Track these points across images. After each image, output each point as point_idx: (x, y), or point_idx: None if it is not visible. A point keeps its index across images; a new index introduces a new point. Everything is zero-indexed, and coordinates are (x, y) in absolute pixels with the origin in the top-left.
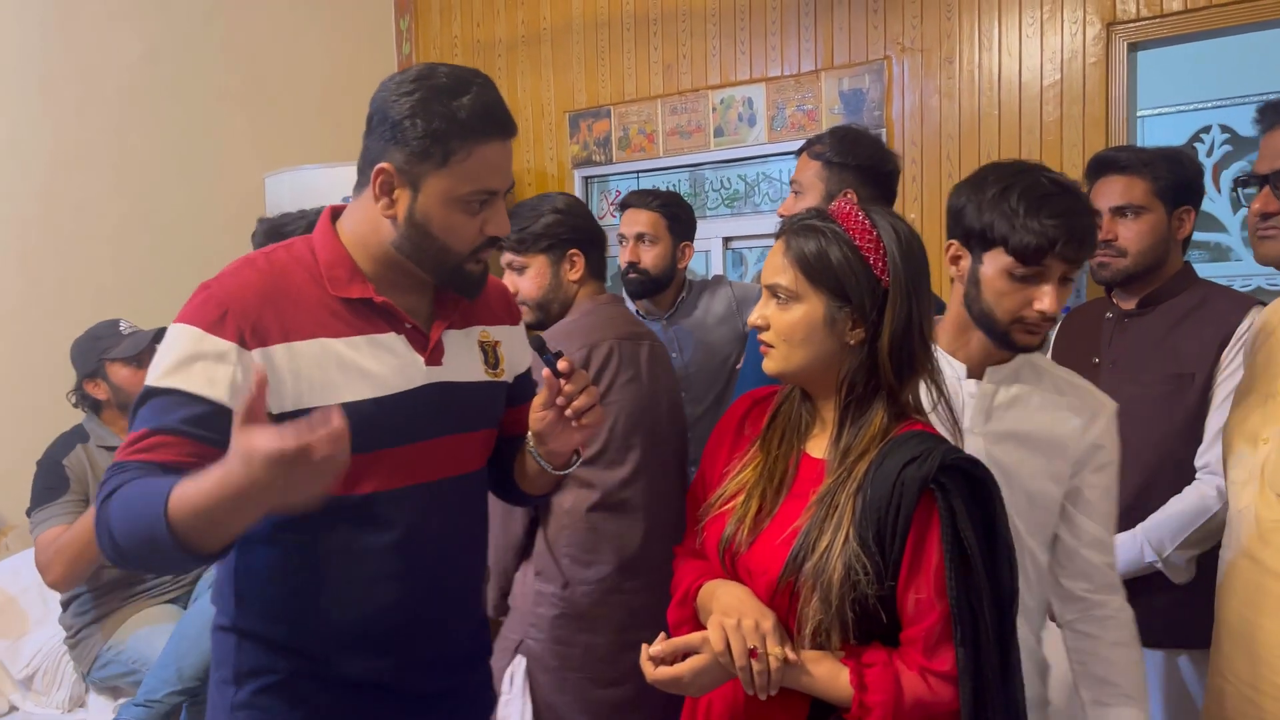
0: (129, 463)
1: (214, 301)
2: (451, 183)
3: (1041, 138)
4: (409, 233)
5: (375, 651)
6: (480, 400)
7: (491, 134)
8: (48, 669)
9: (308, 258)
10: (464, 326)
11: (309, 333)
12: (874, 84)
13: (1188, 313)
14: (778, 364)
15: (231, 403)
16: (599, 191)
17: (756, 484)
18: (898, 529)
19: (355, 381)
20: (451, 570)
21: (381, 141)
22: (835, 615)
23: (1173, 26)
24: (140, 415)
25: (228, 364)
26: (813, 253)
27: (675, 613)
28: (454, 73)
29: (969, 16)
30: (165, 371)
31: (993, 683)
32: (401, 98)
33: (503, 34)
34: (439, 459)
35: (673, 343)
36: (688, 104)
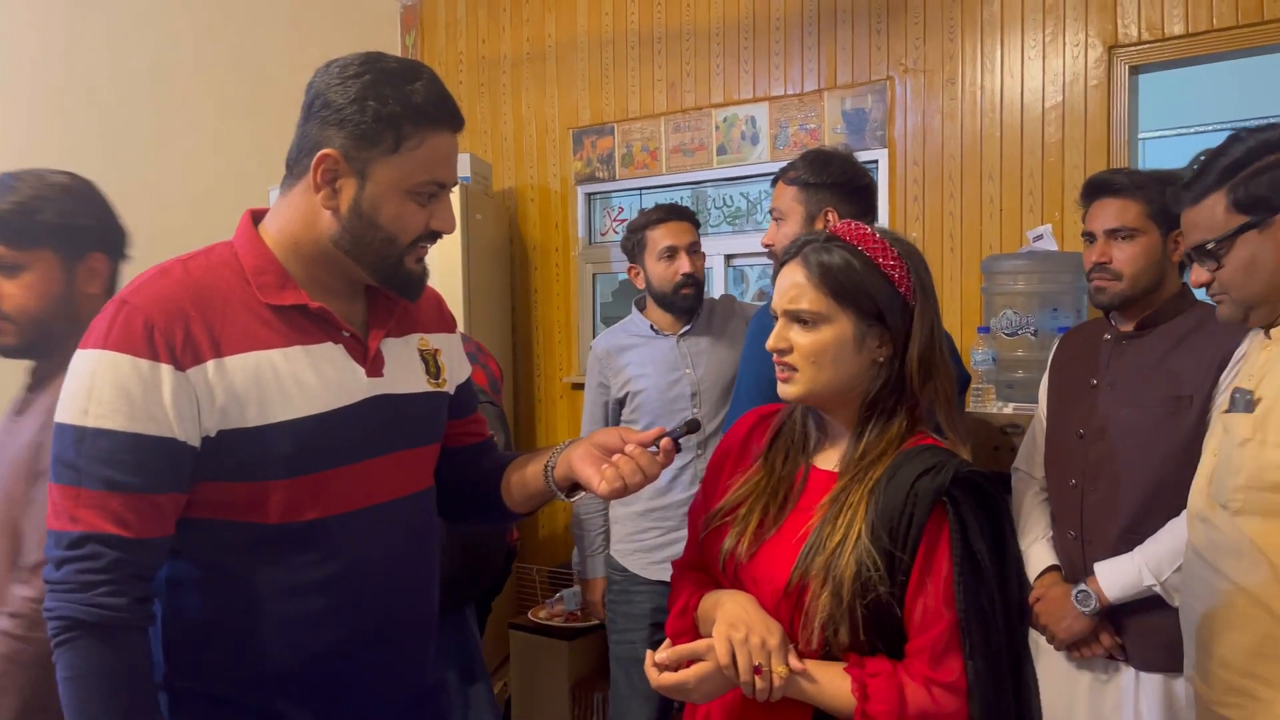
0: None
1: (135, 317)
2: (403, 170)
3: (1043, 159)
4: (352, 224)
5: (319, 697)
6: (425, 413)
7: (445, 123)
8: None
9: (232, 263)
10: (402, 334)
11: (240, 346)
12: (876, 104)
13: (1185, 335)
14: (803, 388)
15: (179, 434)
16: (602, 208)
17: (758, 498)
18: (909, 539)
19: (294, 398)
20: (405, 599)
21: (323, 127)
22: (845, 611)
23: (1174, 50)
24: (78, 465)
25: (165, 388)
26: (839, 269)
27: (674, 624)
28: (403, 61)
29: (971, 38)
30: (96, 409)
31: (1005, 696)
32: (348, 80)
33: (507, 50)
34: (385, 478)
35: (685, 358)
36: (691, 122)
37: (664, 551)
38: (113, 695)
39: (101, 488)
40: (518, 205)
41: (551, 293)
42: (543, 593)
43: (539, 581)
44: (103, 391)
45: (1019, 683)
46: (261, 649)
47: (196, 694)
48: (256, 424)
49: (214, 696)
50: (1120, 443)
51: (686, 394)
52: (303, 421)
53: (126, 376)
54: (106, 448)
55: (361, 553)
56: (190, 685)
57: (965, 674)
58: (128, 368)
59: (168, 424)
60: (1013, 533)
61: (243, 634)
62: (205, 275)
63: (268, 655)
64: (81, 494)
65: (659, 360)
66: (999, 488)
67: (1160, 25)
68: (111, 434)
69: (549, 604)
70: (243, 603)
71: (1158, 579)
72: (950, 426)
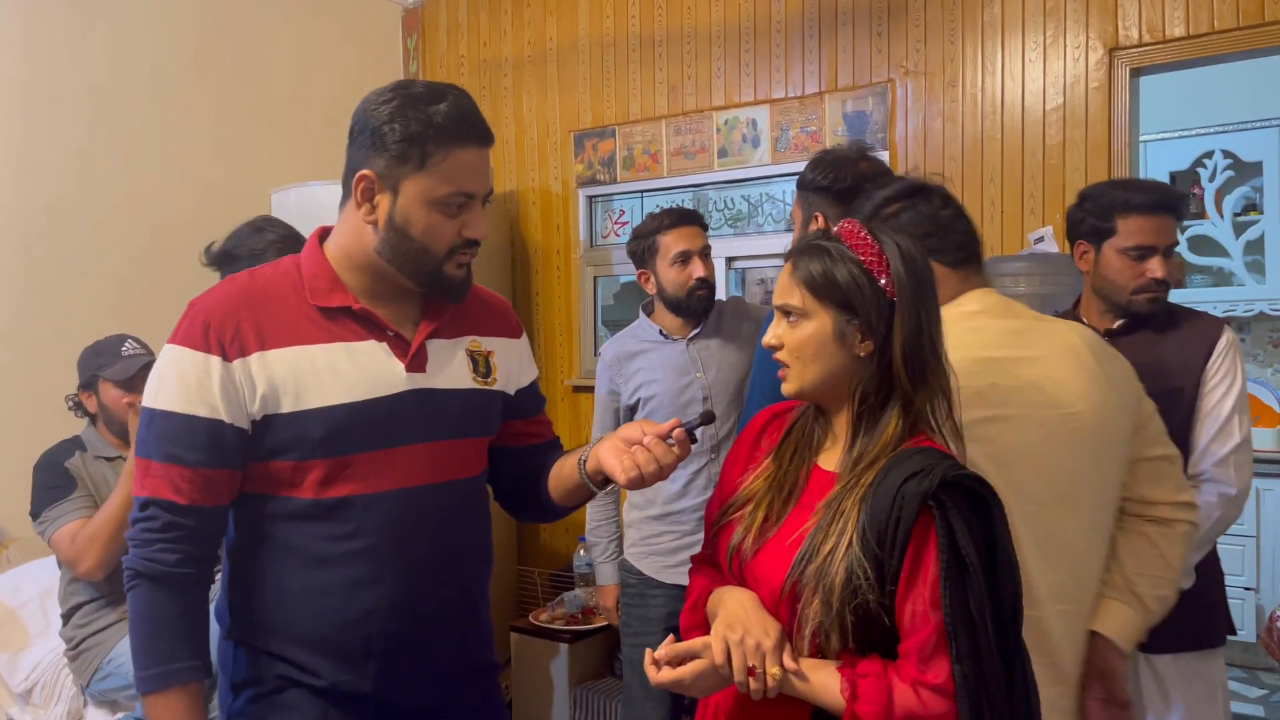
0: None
1: (197, 318)
2: (429, 184)
3: (1044, 162)
4: (389, 236)
5: (352, 662)
6: (467, 407)
7: (467, 138)
8: (46, 683)
9: (293, 273)
10: (454, 336)
11: (284, 341)
12: (877, 106)
13: (1167, 331)
14: (794, 384)
15: (226, 417)
16: (603, 211)
17: (765, 494)
18: (897, 542)
19: (329, 386)
20: (435, 579)
21: (362, 150)
22: (835, 619)
23: (1175, 52)
24: (149, 441)
25: (214, 378)
26: (818, 271)
27: (687, 618)
28: (431, 85)
29: (972, 40)
30: (162, 393)
31: (996, 699)
32: (380, 106)
33: (509, 53)
34: (422, 464)
35: (695, 362)
36: (692, 125)
37: (679, 555)
38: (158, 636)
39: (163, 460)
40: (519, 208)
41: (553, 295)
42: (544, 595)
43: (540, 584)
44: (168, 379)
45: (1011, 684)
46: (300, 613)
47: (253, 649)
48: (293, 410)
49: (267, 652)
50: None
51: (698, 397)
52: (335, 409)
53: (185, 367)
54: (168, 427)
55: (390, 531)
56: (248, 640)
57: (953, 676)
58: (187, 359)
59: (216, 408)
60: (1006, 534)
61: (284, 598)
62: (266, 282)
63: (305, 619)
64: (150, 465)
65: (669, 365)
66: (990, 489)
67: (1161, 27)
68: (171, 415)
69: (550, 607)
70: (283, 570)
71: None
72: (948, 427)
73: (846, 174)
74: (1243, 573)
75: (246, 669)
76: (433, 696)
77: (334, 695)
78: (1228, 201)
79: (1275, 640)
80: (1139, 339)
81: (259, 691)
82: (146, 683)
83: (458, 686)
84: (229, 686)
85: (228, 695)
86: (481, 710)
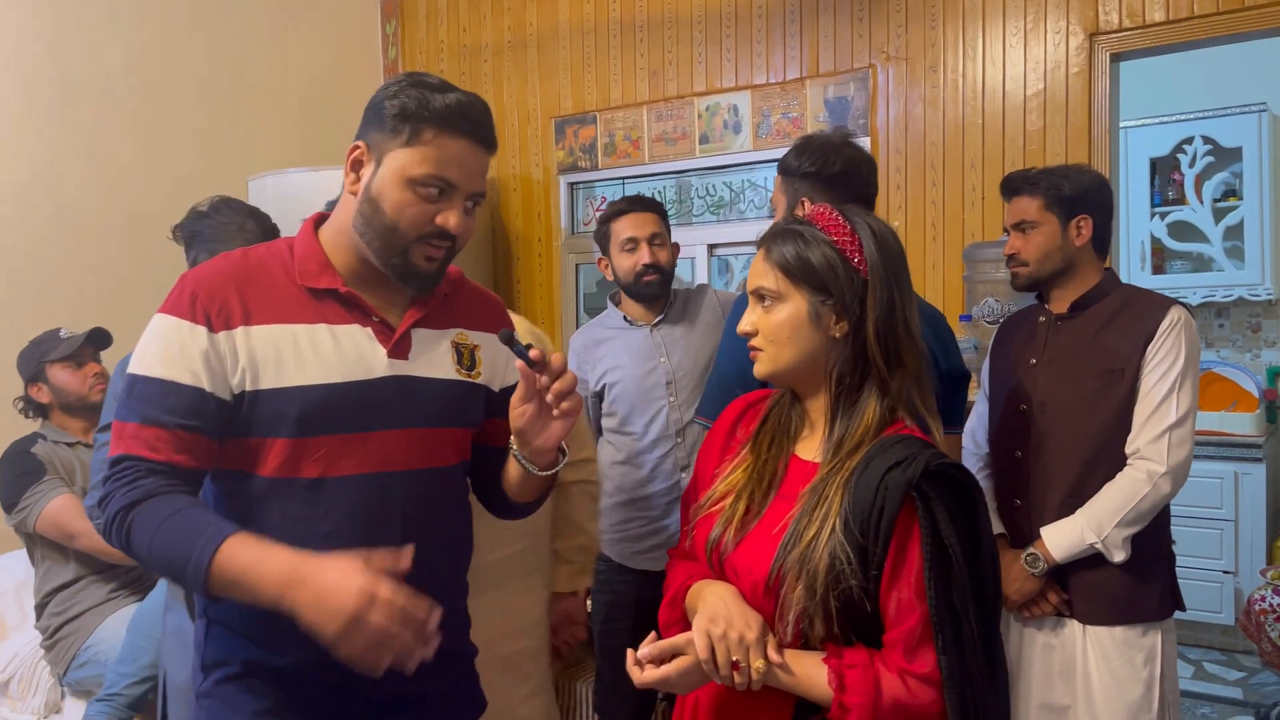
0: (134, 459)
1: (187, 288)
2: (409, 161)
3: (1024, 147)
4: (363, 207)
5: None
6: (448, 397)
7: (463, 131)
8: (23, 675)
9: (284, 253)
10: (441, 327)
11: (269, 318)
12: (859, 92)
13: (1114, 314)
14: (767, 366)
15: (208, 385)
16: (584, 197)
17: (745, 485)
18: (881, 532)
19: (309, 366)
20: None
21: (364, 125)
22: (819, 604)
23: (1155, 37)
24: (128, 404)
25: (199, 347)
26: (792, 254)
27: (665, 613)
28: (443, 81)
29: (953, 26)
30: (146, 359)
31: (980, 687)
32: (390, 87)
33: (489, 39)
34: (395, 451)
35: (660, 348)
36: (673, 111)
37: (647, 541)
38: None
39: (141, 422)
40: (500, 196)
41: (534, 283)
42: None
43: None
44: (153, 346)
45: (993, 673)
46: None
47: (224, 628)
48: (272, 386)
49: (233, 629)
50: (1060, 416)
51: (661, 383)
52: (315, 388)
53: (171, 334)
54: (149, 391)
55: (365, 514)
56: (217, 617)
57: (939, 667)
58: (172, 327)
59: (199, 376)
60: (988, 523)
61: None
62: (258, 260)
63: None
64: (126, 427)
65: (634, 351)
66: (972, 478)
67: (1141, 12)
68: (152, 380)
69: None
70: None
71: (1099, 537)
72: (925, 409)
73: (835, 159)
74: (1221, 556)
75: (216, 650)
76: (401, 682)
77: (301, 679)
78: (1207, 187)
79: (1254, 623)
80: (1084, 322)
81: (226, 674)
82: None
83: (429, 674)
84: (199, 667)
85: (198, 675)
86: (454, 696)
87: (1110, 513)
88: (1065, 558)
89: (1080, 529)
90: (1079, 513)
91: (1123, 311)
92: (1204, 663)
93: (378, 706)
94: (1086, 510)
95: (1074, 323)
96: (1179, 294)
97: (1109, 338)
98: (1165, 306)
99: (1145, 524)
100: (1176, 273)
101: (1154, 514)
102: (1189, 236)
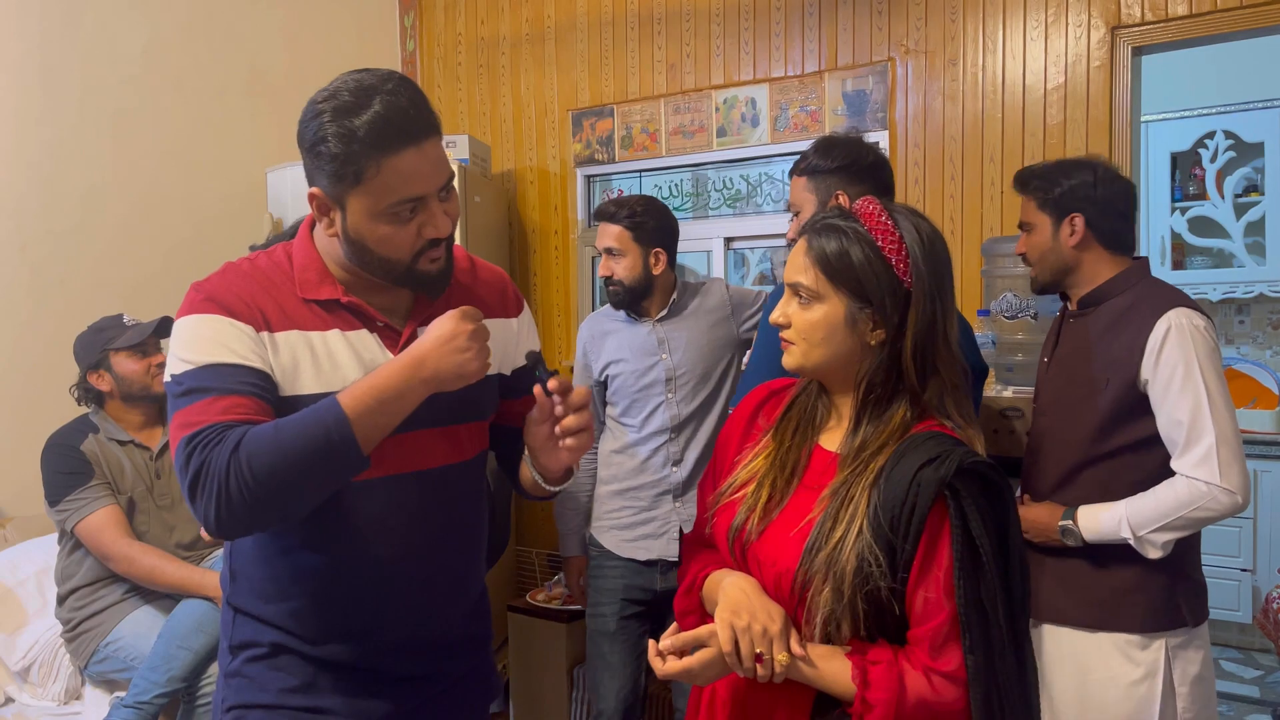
0: (224, 423)
1: (216, 296)
2: (370, 200)
3: (1045, 141)
4: (350, 249)
5: (338, 635)
6: (463, 392)
7: (398, 145)
8: (44, 661)
9: (284, 262)
10: None
11: (286, 325)
12: (878, 85)
13: (1118, 316)
14: (797, 359)
15: (260, 365)
16: (601, 190)
17: (768, 473)
18: (911, 528)
19: (325, 374)
20: (427, 559)
21: (308, 166)
22: (847, 606)
23: (1177, 31)
24: (193, 392)
25: (245, 338)
26: (834, 252)
27: (681, 602)
28: (360, 85)
29: (973, 19)
30: (200, 351)
31: (1007, 687)
32: (312, 120)
33: (507, 31)
34: (412, 451)
35: (662, 344)
36: (691, 103)
37: (636, 530)
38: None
39: (204, 399)
40: (517, 188)
41: (551, 275)
42: (541, 575)
43: (538, 564)
44: (189, 343)
45: (1021, 673)
46: (291, 588)
47: (250, 615)
48: (289, 394)
49: (262, 619)
50: (1056, 418)
51: (661, 379)
52: (326, 396)
53: (210, 329)
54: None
55: (384, 515)
56: (245, 606)
57: (965, 666)
58: (211, 323)
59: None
60: (1017, 523)
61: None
62: (265, 269)
63: (296, 593)
64: (191, 410)
65: (636, 346)
66: (1004, 477)
67: (1164, 5)
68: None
69: (548, 587)
70: (277, 544)
71: (1134, 533)
72: (962, 417)
73: (866, 151)
74: (1239, 554)
75: (243, 634)
76: (420, 666)
77: (323, 662)
78: (1229, 182)
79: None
80: (1091, 320)
81: (254, 654)
82: (339, 420)
83: (446, 657)
84: (228, 648)
85: (226, 656)
86: (470, 678)
87: (1159, 512)
88: (1095, 540)
89: (1119, 520)
90: (1125, 502)
91: (1126, 314)
92: (1221, 660)
93: (400, 686)
94: (1134, 502)
95: (1083, 321)
96: (1199, 290)
97: (1108, 341)
98: (1159, 312)
99: (1192, 532)
100: (1197, 268)
101: (1205, 524)
102: (1210, 232)
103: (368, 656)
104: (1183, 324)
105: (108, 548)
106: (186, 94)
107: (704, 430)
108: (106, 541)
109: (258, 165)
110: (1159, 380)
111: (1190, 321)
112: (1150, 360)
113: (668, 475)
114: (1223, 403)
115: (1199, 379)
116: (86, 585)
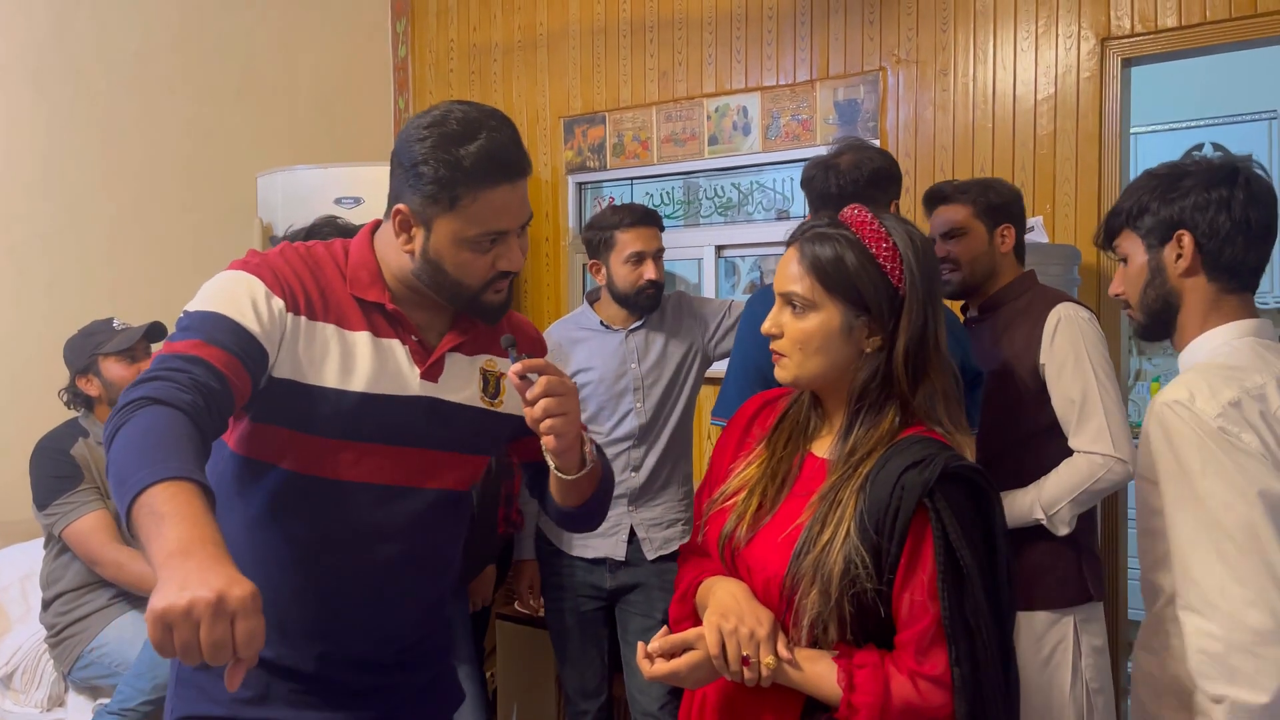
0: (174, 357)
1: (265, 266)
2: (459, 225)
3: (1035, 152)
4: (424, 268)
5: (293, 641)
6: (468, 424)
7: (496, 179)
8: (27, 668)
9: (340, 257)
10: (473, 353)
11: (323, 316)
12: (869, 95)
13: (1016, 316)
14: (790, 372)
15: (260, 334)
16: (592, 198)
17: (759, 481)
18: (896, 531)
19: (348, 371)
20: (392, 577)
21: (399, 183)
22: (834, 609)
23: (1167, 43)
24: (188, 329)
25: (263, 305)
26: (829, 260)
27: (676, 609)
28: (467, 117)
29: (964, 29)
30: (211, 299)
31: (992, 697)
32: (416, 143)
33: (499, 38)
34: (414, 468)
35: (632, 353)
36: (682, 112)
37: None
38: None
39: (194, 337)
40: None
41: (541, 283)
42: None
43: None
44: (212, 289)
45: (1007, 680)
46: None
47: None
48: (309, 382)
49: None
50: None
51: (630, 388)
52: (348, 394)
53: (237, 285)
54: (203, 318)
55: (373, 524)
56: None
57: (951, 673)
58: (243, 281)
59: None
60: (1003, 526)
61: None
62: (319, 258)
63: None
64: (175, 343)
65: (606, 354)
66: (990, 481)
67: (1153, 17)
68: (208, 314)
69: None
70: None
71: (1046, 513)
72: (952, 423)
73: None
74: None
75: None
76: (374, 679)
77: (277, 669)
78: None
79: None
80: (990, 324)
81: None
82: (136, 484)
83: (407, 670)
84: None
85: (176, 661)
86: (434, 688)
87: (1065, 490)
88: (1014, 525)
89: (1031, 503)
90: (1034, 486)
91: (1023, 314)
92: None
93: (360, 697)
94: (1042, 484)
95: (984, 324)
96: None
97: (1009, 340)
98: (1050, 305)
99: (1093, 505)
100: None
101: (1103, 495)
102: None
103: (320, 668)
104: (1071, 316)
105: (96, 552)
106: (178, 98)
107: (663, 437)
108: (95, 546)
109: (248, 170)
110: (1053, 363)
111: (1077, 314)
112: (1046, 345)
113: (626, 479)
114: (1110, 384)
115: (1087, 362)
116: (72, 590)
